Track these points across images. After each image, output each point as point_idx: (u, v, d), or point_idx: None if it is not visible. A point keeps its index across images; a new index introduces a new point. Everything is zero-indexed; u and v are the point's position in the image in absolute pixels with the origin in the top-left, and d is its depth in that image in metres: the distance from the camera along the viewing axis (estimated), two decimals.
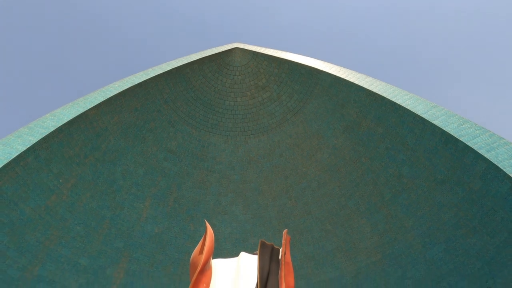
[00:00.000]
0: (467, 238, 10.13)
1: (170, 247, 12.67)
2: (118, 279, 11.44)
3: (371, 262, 12.12)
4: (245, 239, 13.20)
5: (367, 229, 12.49)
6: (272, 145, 14.38)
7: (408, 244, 11.49)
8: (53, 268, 10.11)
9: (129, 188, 12.54)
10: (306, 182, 13.84)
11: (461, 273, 10.00)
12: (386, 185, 12.16)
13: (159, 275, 12.25)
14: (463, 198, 10.05)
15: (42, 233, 10.01)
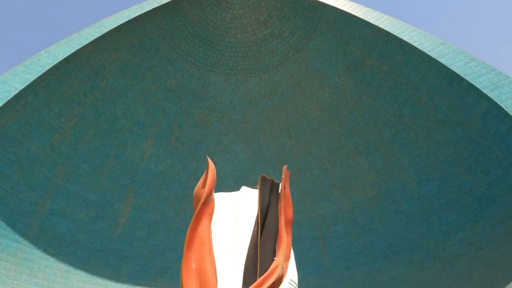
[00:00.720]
0: (461, 175, 10.45)
1: (173, 184, 13.17)
2: (126, 213, 12.08)
3: (366, 198, 12.67)
4: (246, 176, 13.65)
5: (365, 167, 12.85)
6: (273, 84, 14.17)
7: (403, 181, 11.90)
8: (64, 202, 10.62)
9: (131, 127, 12.65)
10: (307, 121, 13.89)
11: (451, 208, 10.50)
12: (386, 124, 12.23)
13: (164, 210, 12.91)
14: (461, 138, 10.17)
15: (49, 170, 10.34)
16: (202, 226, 3.18)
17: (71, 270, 10.47)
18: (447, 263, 10.18)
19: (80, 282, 10.53)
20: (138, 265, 11.87)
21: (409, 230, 11.42)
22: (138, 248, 12.11)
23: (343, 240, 12.78)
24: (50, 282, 9.82)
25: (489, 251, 9.17)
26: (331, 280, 12.38)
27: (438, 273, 10.16)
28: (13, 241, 9.14)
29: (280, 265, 3.06)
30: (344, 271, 12.31)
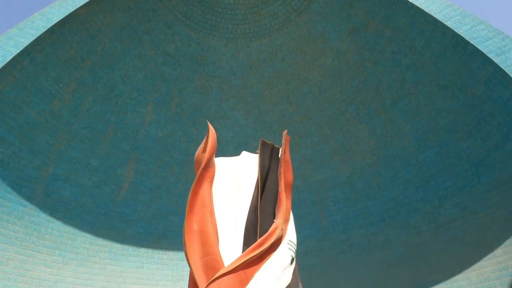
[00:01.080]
0: (460, 142, 10.50)
1: (174, 150, 13.26)
2: (128, 178, 12.27)
3: (365, 164, 12.81)
4: (246, 142, 13.73)
5: (365, 133, 12.87)
6: (274, 49, 13.85)
7: (402, 147, 11.97)
8: (66, 167, 10.77)
9: (130, 93, 12.53)
10: (308, 87, 13.74)
11: (449, 173, 10.65)
12: (388, 90, 12.10)
13: (166, 175, 13.11)
14: (463, 104, 10.10)
15: (50, 136, 10.38)
16: (203, 190, 3.24)
17: (77, 232, 10.82)
18: (441, 226, 10.49)
19: (87, 243, 10.92)
20: (141, 228, 12.24)
21: (406, 195, 11.66)
22: (141, 212, 12.44)
23: (341, 204, 13.08)
24: (58, 243, 10.19)
25: (483, 215, 9.42)
26: (328, 242, 12.83)
27: (433, 236, 10.51)
28: (20, 205, 9.37)
29: (279, 226, 3.16)
30: (341, 234, 12.71)
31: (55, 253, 9.90)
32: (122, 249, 11.59)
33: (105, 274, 10.82)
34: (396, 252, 11.09)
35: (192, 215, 3.13)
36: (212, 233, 3.05)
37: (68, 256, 10.19)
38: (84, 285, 10.10)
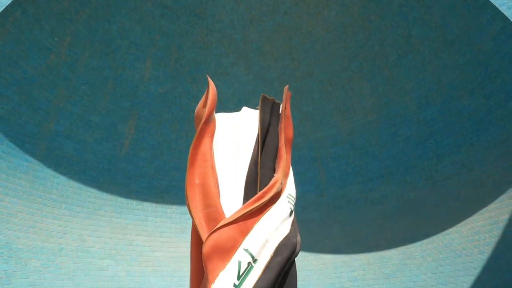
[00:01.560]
0: (463, 100, 10.42)
1: (175, 107, 13.20)
2: (129, 134, 12.35)
3: (366, 121, 12.81)
4: (247, 99, 13.60)
5: (367, 90, 12.72)
6: (275, 1, 13.24)
7: (404, 105, 11.90)
8: (67, 124, 10.79)
9: (128, 47, 12.20)
10: (310, 42, 13.33)
11: (449, 131, 10.69)
12: (392, 46, 11.76)
13: (167, 132, 13.16)
14: (469, 60, 9.88)
15: (49, 92, 10.28)
16: (204, 145, 3.28)
17: (82, 187, 11.11)
18: (437, 183, 10.74)
19: (92, 198, 11.26)
20: (145, 183, 12.54)
21: (405, 152, 11.80)
22: (144, 168, 12.66)
23: (340, 161, 13.28)
24: (64, 197, 10.51)
25: (480, 173, 9.60)
26: (327, 198, 13.21)
27: (428, 192, 10.79)
28: (24, 161, 9.53)
29: (279, 180, 3.24)
30: (339, 190, 13.05)
31: (62, 206, 10.24)
32: (126, 203, 11.97)
33: (111, 227, 11.28)
34: (392, 207, 11.45)
35: (193, 169, 3.20)
36: (213, 186, 3.13)
37: (74, 210, 10.55)
38: (92, 236, 10.57)
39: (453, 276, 8.39)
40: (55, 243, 9.48)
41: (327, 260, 11.57)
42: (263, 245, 2.93)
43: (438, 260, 9.12)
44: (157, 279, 10.80)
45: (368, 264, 10.65)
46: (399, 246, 10.43)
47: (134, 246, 11.33)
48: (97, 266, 10.08)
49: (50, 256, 9.12)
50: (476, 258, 8.20)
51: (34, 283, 8.13)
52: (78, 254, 9.87)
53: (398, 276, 9.61)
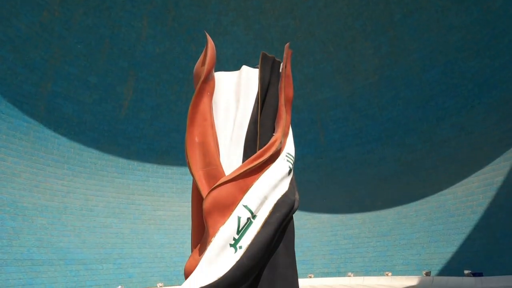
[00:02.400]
0: (467, 61, 10.21)
1: (173, 67, 12.95)
2: (128, 96, 12.22)
3: (367, 83, 12.63)
4: (247, 60, 13.29)
5: (370, 51, 12.42)
6: None
7: (407, 66, 11.68)
8: (65, 84, 10.64)
9: (123, 4, 11.73)
10: (313, 0, 12.81)
11: (450, 93, 10.59)
12: (398, 4, 11.31)
13: (166, 93, 13.03)
14: (476, 19, 9.55)
15: (44, 51, 10.04)
16: (203, 103, 3.26)
17: (84, 148, 11.19)
18: (436, 145, 10.81)
19: (93, 158, 11.38)
20: (145, 144, 12.62)
21: (405, 114, 11.76)
22: (144, 129, 12.68)
23: (340, 124, 13.28)
24: (66, 158, 10.62)
25: (478, 135, 9.64)
26: (326, 160, 13.36)
27: (426, 154, 10.90)
28: (23, 121, 9.51)
29: (278, 140, 3.26)
30: (338, 152, 13.17)
31: (64, 166, 10.38)
32: (127, 164, 12.12)
33: (114, 186, 11.50)
34: (390, 168, 11.62)
35: (193, 128, 3.20)
36: (213, 145, 3.16)
37: (77, 170, 10.71)
38: (95, 195, 10.81)
39: (445, 234, 8.69)
40: (59, 202, 9.71)
41: (324, 219, 11.93)
42: (262, 202, 3.01)
43: (431, 219, 9.41)
44: (160, 236, 11.20)
45: (363, 223, 11.01)
46: (394, 206, 10.71)
47: (137, 205, 11.63)
48: (101, 223, 10.40)
49: (56, 214, 9.38)
50: (468, 217, 8.45)
51: (41, 239, 8.44)
52: (82, 213, 10.15)
53: (392, 234, 9.97)
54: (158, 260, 10.61)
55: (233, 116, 3.36)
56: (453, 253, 8.13)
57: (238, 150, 3.31)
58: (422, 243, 9.11)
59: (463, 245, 8.06)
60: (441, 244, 8.63)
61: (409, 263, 8.91)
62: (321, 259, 10.80)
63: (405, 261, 9.06)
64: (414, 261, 8.85)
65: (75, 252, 9.25)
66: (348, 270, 9.76)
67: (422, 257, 8.81)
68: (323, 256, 10.87)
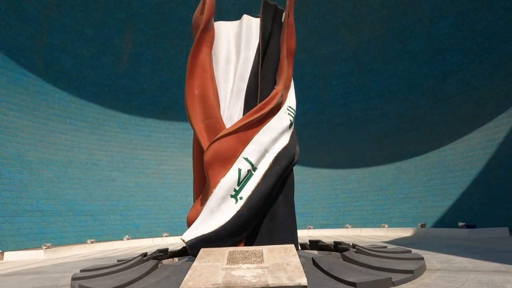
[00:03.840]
0: (479, 12, 9.73)
1: (173, 19, 12.47)
2: (127, 49, 11.90)
3: (373, 36, 12.18)
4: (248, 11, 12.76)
5: (377, 2, 11.81)
6: None
7: (416, 18, 11.17)
8: (61, 37, 10.33)
9: None
10: None
11: (459, 47, 10.23)
12: None
13: (166, 47, 12.67)
14: None
15: (38, 1, 9.62)
16: (202, 54, 3.18)
17: (85, 103, 11.13)
18: (440, 101, 10.67)
19: (95, 113, 11.36)
20: (146, 99, 12.52)
21: (410, 70, 11.47)
22: (145, 84, 12.51)
23: (344, 79, 13.02)
24: (67, 113, 10.61)
25: (484, 91, 9.47)
26: (328, 116, 13.30)
27: (429, 110, 10.80)
28: (22, 75, 9.37)
29: (279, 93, 3.22)
30: (340, 108, 13.06)
31: (66, 121, 10.41)
32: (129, 119, 12.13)
33: (117, 141, 11.61)
34: (392, 124, 11.59)
35: (192, 80, 3.15)
36: (213, 97, 3.13)
37: (79, 125, 10.75)
38: (99, 150, 10.96)
39: (443, 189, 8.88)
40: (64, 156, 9.87)
41: (325, 174, 12.15)
42: (263, 155, 3.04)
43: (430, 174, 9.56)
44: (164, 190, 11.52)
45: (363, 178, 11.21)
46: (394, 162, 10.84)
47: (140, 159, 11.82)
48: (107, 177, 10.65)
49: (62, 168, 9.58)
50: (467, 173, 8.57)
51: (49, 191, 8.70)
52: (87, 167, 10.35)
53: (391, 189, 10.19)
54: (162, 212, 11.01)
55: (234, 68, 3.29)
56: (449, 206, 8.37)
57: (239, 103, 3.29)
58: (419, 197, 9.35)
59: (459, 199, 8.27)
60: (437, 198, 8.85)
61: (406, 216, 9.21)
62: (320, 212, 11.17)
63: (401, 214, 9.36)
64: (411, 214, 9.15)
65: (82, 204, 9.59)
66: (346, 222, 10.13)
67: (419, 210, 9.08)
68: (322, 209, 11.23)
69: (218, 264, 2.18)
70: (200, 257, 2.34)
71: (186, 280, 1.94)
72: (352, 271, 2.31)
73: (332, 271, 2.25)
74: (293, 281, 1.87)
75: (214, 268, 2.11)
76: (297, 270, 2.00)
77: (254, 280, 1.89)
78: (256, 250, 2.38)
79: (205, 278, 1.95)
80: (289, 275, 1.94)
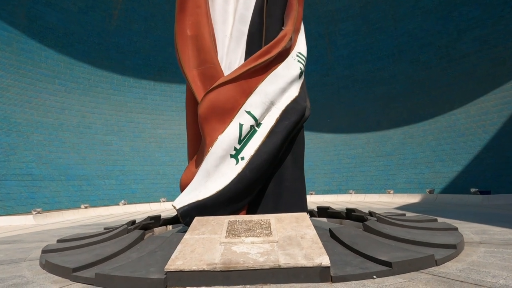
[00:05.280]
0: None
1: None
2: (118, 4, 11.02)
3: None
4: None
5: None
6: None
7: None
8: None
9: None
10: None
11: (477, 2, 9.41)
12: None
13: (160, 2, 11.76)
14: None
15: None
16: None
17: (74, 62, 10.45)
18: (453, 61, 10.01)
19: (85, 73, 10.71)
20: (140, 59, 11.80)
21: (422, 27, 10.68)
22: (138, 43, 11.73)
23: (350, 38, 12.22)
24: (56, 72, 9.96)
25: (502, 49, 8.80)
26: (332, 78, 12.63)
27: (442, 71, 10.17)
28: (3, 30, 8.63)
29: (288, 34, 2.68)
30: (346, 69, 12.38)
31: (55, 82, 9.80)
32: (123, 80, 11.49)
33: (110, 104, 11.06)
34: (399, 87, 10.99)
35: (183, 16, 2.60)
36: (208, 38, 2.59)
37: (69, 86, 10.15)
38: (92, 113, 10.44)
39: (452, 154, 8.49)
40: (54, 118, 9.37)
41: (328, 139, 11.73)
42: (268, 108, 2.56)
43: (439, 139, 9.14)
44: (161, 154, 11.14)
45: (368, 143, 10.80)
46: (401, 126, 10.38)
47: (136, 123, 11.33)
48: (101, 141, 10.22)
49: (52, 131, 9.12)
50: (479, 137, 8.15)
51: (39, 155, 8.29)
52: (80, 130, 9.89)
53: (396, 154, 9.81)
54: (160, 177, 10.69)
55: (233, 8, 2.72)
56: (458, 172, 8.01)
57: (240, 49, 2.75)
58: (426, 163, 8.98)
59: (470, 165, 7.90)
60: (446, 163, 8.48)
61: (412, 182, 8.90)
62: (323, 177, 10.86)
63: (407, 180, 9.04)
64: (417, 180, 8.82)
65: (76, 168, 9.22)
66: (349, 188, 9.85)
67: (426, 176, 8.75)
68: (325, 174, 10.92)
69: (215, 237, 1.78)
70: (193, 227, 1.94)
71: (174, 259, 1.53)
72: (381, 245, 1.90)
73: (356, 245, 1.84)
74: (311, 260, 1.47)
75: (210, 242, 1.71)
76: (315, 246, 1.59)
77: (261, 259, 1.49)
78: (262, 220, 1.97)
79: (198, 255, 1.55)
80: (305, 252, 1.53)
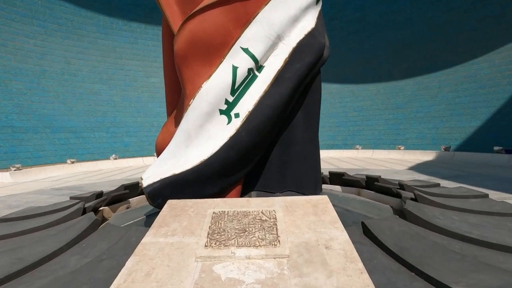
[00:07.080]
0: None
1: None
2: None
3: None
4: None
5: None
6: None
7: None
8: None
9: None
10: None
11: None
12: None
13: None
14: None
15: None
16: None
17: (54, 0, 9.33)
18: (478, 2, 8.88)
19: (68, 14, 9.62)
20: None
21: None
22: None
23: None
24: (34, 12, 8.89)
25: None
26: (340, 21, 11.47)
27: (465, 13, 9.08)
28: None
29: None
30: (357, 11, 11.17)
31: (33, 22, 8.78)
32: (111, 22, 10.40)
33: (97, 49, 10.11)
34: (416, 32, 9.94)
35: None
36: None
37: (50, 27, 9.13)
38: (77, 58, 9.53)
39: (471, 107, 7.77)
40: (35, 64, 8.52)
41: (333, 89, 10.92)
42: (274, 44, 1.83)
43: (456, 91, 8.36)
44: (155, 105, 10.42)
45: (377, 94, 10.02)
46: (414, 76, 9.53)
47: (126, 70, 10.46)
48: (89, 90, 9.46)
49: (33, 79, 8.32)
50: (503, 89, 7.36)
51: (20, 105, 7.59)
52: (65, 78, 9.07)
53: (408, 107, 9.09)
54: (154, 129, 10.07)
55: None
56: (478, 127, 7.35)
57: None
58: (441, 117, 8.29)
59: (491, 119, 7.22)
60: (464, 118, 7.79)
61: (424, 137, 8.28)
62: (327, 131, 10.23)
63: (419, 135, 8.41)
64: (430, 135, 8.20)
65: (62, 120, 8.56)
66: (355, 143, 9.26)
67: (440, 131, 8.10)
68: (330, 128, 10.28)
69: (191, 241, 1.15)
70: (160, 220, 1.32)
71: None
72: (443, 253, 1.27)
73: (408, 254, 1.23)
74: None
75: (181, 255, 1.05)
76: (351, 268, 0.90)
77: None
78: (264, 212, 1.35)
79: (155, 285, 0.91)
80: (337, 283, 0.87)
